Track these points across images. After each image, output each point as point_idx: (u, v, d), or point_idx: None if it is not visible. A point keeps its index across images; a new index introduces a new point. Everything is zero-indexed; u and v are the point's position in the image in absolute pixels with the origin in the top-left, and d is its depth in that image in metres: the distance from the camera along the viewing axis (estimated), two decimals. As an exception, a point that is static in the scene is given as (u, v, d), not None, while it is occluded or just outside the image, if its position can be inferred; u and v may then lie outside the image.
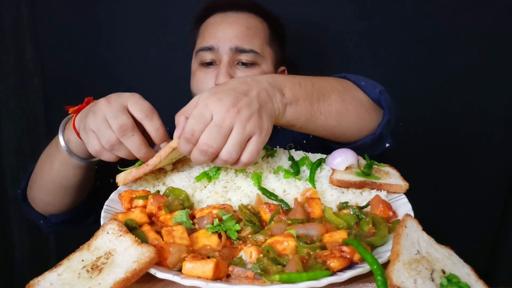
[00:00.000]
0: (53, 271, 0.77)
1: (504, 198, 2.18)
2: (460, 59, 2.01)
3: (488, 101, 2.05)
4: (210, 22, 1.64)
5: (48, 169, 1.28)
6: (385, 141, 1.36)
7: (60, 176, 1.26)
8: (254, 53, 1.55)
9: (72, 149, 1.18)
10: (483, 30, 1.96)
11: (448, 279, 0.70)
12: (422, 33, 1.99)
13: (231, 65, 1.56)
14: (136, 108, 1.03)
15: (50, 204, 1.39)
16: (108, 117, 1.00)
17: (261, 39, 1.60)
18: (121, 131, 0.99)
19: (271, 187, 1.06)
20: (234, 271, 0.77)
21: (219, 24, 1.60)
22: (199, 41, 1.64)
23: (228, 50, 1.54)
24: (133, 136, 1.00)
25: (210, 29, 1.61)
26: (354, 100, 1.23)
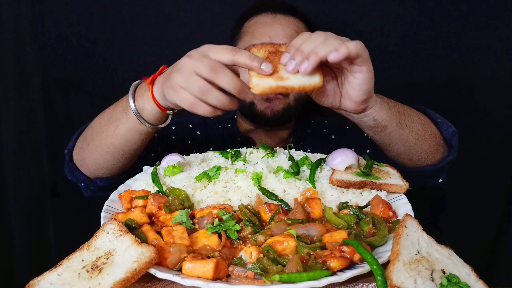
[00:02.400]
0: (53, 271, 0.77)
1: (504, 198, 2.18)
2: (460, 59, 2.00)
3: (488, 101, 2.05)
4: (260, 21, 1.67)
5: (110, 132, 1.27)
6: (440, 177, 1.45)
7: (123, 140, 1.26)
8: None
9: (145, 117, 1.18)
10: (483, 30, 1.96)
11: (448, 279, 0.70)
12: (422, 33, 1.99)
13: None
14: (218, 50, 1.03)
15: (102, 166, 1.37)
16: (194, 68, 1.01)
17: None
18: (212, 70, 0.99)
19: (271, 187, 1.06)
20: (234, 271, 0.77)
21: (270, 24, 1.63)
22: (248, 37, 1.66)
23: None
24: (223, 71, 1.00)
25: (261, 28, 1.64)
26: (429, 130, 1.32)
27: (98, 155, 1.34)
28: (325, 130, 1.79)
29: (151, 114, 1.18)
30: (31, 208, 2.26)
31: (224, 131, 1.82)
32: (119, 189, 1.11)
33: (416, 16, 1.97)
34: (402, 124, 1.21)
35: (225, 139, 1.78)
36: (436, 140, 1.34)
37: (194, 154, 1.34)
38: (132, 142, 1.27)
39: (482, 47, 1.98)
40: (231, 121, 1.86)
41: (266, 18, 1.66)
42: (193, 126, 1.76)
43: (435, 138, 1.34)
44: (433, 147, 1.33)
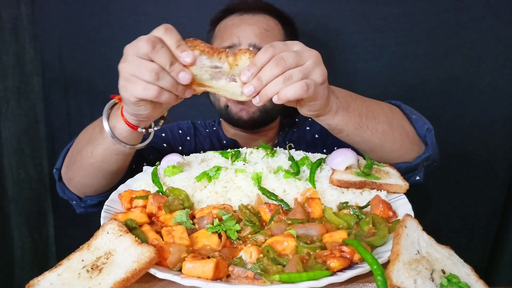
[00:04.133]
0: (53, 271, 0.77)
1: (504, 198, 2.18)
2: (460, 59, 2.00)
3: (488, 101, 2.05)
4: (228, 24, 1.67)
5: (89, 153, 1.25)
6: (417, 175, 1.41)
7: (101, 161, 1.24)
8: None
9: (119, 136, 1.15)
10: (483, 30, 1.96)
11: (448, 279, 0.70)
12: (422, 33, 1.99)
13: None
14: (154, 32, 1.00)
15: (87, 186, 1.37)
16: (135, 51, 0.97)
17: (277, 39, 1.64)
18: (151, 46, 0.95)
19: (271, 187, 1.06)
20: (234, 271, 0.77)
21: (238, 25, 1.63)
22: (218, 41, 1.66)
23: (248, 47, 1.56)
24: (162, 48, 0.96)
25: (229, 30, 1.64)
26: (400, 128, 1.29)
27: (82, 175, 1.33)
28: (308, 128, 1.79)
29: (123, 133, 1.14)
30: (31, 208, 2.26)
31: (211, 135, 1.81)
32: (119, 189, 1.12)
33: (416, 16, 1.97)
34: (363, 126, 1.19)
35: (213, 142, 1.77)
36: (409, 138, 1.31)
37: (194, 154, 1.34)
38: (110, 163, 1.25)
39: (482, 47, 1.98)
40: (216, 124, 1.85)
41: (234, 19, 1.66)
42: (183, 132, 1.76)
43: (407, 136, 1.31)
44: (404, 146, 1.30)
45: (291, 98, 0.96)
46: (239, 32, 1.60)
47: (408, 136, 1.31)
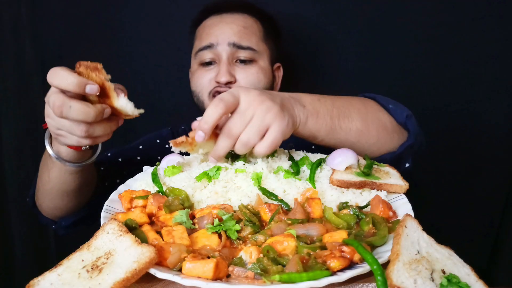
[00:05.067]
0: (53, 271, 0.76)
1: (504, 198, 2.18)
2: (461, 59, 2.01)
3: (488, 101, 2.05)
4: (207, 24, 1.70)
5: (46, 178, 1.30)
6: (405, 162, 1.40)
7: (59, 183, 1.28)
8: (252, 50, 1.64)
9: (65, 158, 1.18)
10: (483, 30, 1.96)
11: (448, 279, 0.70)
12: (422, 32, 1.99)
13: (231, 63, 1.63)
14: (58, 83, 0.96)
15: (56, 209, 1.40)
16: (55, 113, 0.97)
17: (256, 37, 1.68)
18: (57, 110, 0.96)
19: (271, 187, 1.06)
20: (234, 271, 0.77)
21: (216, 25, 1.66)
22: (197, 42, 1.69)
23: (226, 46, 1.60)
24: (70, 108, 0.95)
25: (208, 30, 1.67)
26: (375, 121, 1.29)
27: (47, 199, 1.37)
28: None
29: (68, 154, 1.17)
30: (31, 208, 2.26)
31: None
32: (119, 189, 1.11)
33: (416, 16, 1.97)
34: (335, 129, 1.20)
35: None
36: (387, 129, 1.31)
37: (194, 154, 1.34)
38: (68, 183, 1.28)
39: (483, 46, 1.98)
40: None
41: (213, 19, 1.69)
42: (161, 141, 1.75)
43: (385, 127, 1.31)
44: (382, 138, 1.29)
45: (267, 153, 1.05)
46: (218, 31, 1.63)
47: (385, 127, 1.30)
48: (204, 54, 1.65)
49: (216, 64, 1.65)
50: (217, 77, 1.62)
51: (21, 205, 2.22)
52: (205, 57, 1.65)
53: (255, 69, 1.65)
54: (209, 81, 1.65)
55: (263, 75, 1.68)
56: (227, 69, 1.61)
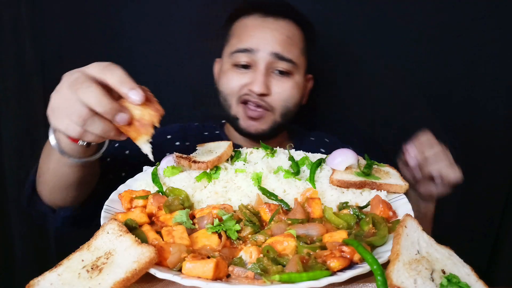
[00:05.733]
0: (53, 271, 0.76)
1: (504, 198, 2.18)
2: (461, 58, 2.00)
3: (488, 101, 2.05)
4: (248, 24, 1.58)
5: (46, 167, 1.22)
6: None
7: (58, 176, 1.21)
8: (292, 63, 1.55)
9: (64, 148, 1.07)
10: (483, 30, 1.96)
11: (448, 279, 0.70)
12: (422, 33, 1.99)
13: (268, 73, 1.54)
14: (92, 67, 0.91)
15: (56, 198, 1.32)
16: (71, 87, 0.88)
17: (298, 49, 1.59)
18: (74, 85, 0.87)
19: (271, 187, 1.06)
20: (234, 271, 0.77)
21: (259, 28, 1.55)
22: (235, 41, 1.58)
23: (267, 55, 1.51)
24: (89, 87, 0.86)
25: (249, 31, 1.56)
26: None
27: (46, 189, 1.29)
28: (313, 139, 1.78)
29: (67, 146, 1.06)
30: (31, 208, 2.26)
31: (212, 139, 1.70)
32: (119, 189, 1.11)
33: (416, 16, 1.97)
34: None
35: None
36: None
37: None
38: (67, 176, 1.19)
39: (482, 47, 1.98)
40: (219, 127, 1.79)
41: (256, 20, 1.58)
42: (171, 137, 1.67)
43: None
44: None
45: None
46: (260, 36, 1.53)
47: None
48: (240, 57, 1.54)
49: (251, 69, 1.55)
50: (251, 86, 1.52)
51: (21, 205, 2.22)
52: (241, 59, 1.54)
53: (291, 84, 1.57)
54: (241, 86, 1.56)
55: (297, 90, 1.60)
56: (264, 80, 1.51)
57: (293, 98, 1.59)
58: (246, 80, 1.54)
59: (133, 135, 0.92)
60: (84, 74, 0.89)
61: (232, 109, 1.60)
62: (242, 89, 1.56)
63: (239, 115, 1.59)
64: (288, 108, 1.59)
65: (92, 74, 0.89)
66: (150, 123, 0.92)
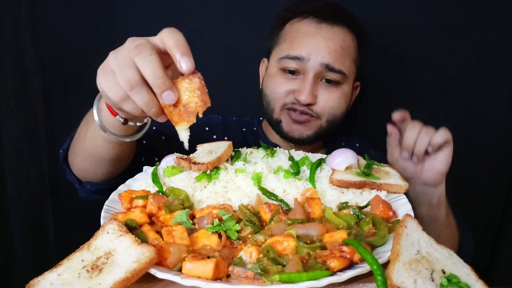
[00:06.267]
0: (53, 271, 0.76)
1: (504, 198, 2.18)
2: (460, 59, 2.00)
3: (488, 101, 2.05)
4: (302, 29, 1.53)
5: (83, 136, 1.18)
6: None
7: (92, 146, 1.16)
8: (342, 74, 1.52)
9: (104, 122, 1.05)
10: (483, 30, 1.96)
11: (448, 279, 0.70)
12: (422, 33, 1.99)
13: (315, 81, 1.51)
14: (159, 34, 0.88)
15: (85, 171, 1.30)
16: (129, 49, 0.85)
17: (350, 59, 1.55)
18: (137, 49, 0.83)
19: (271, 187, 1.06)
20: (234, 271, 0.77)
21: (312, 36, 1.50)
22: (286, 46, 1.55)
23: (318, 65, 1.48)
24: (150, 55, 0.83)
25: (302, 38, 1.51)
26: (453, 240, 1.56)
27: (79, 158, 1.26)
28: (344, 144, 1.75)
29: (108, 119, 1.04)
30: (31, 208, 2.26)
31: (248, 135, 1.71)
32: (119, 189, 1.11)
33: (416, 16, 1.97)
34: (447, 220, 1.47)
35: (248, 143, 1.64)
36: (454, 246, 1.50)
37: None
38: (101, 150, 1.16)
39: (482, 47, 1.98)
40: (256, 123, 1.75)
41: (309, 26, 1.52)
42: (210, 129, 1.65)
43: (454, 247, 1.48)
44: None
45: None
46: (312, 45, 1.48)
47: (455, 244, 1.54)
48: (289, 63, 1.51)
49: (299, 75, 1.52)
50: (298, 95, 1.49)
51: (21, 205, 2.22)
52: (289, 65, 1.51)
53: (338, 94, 1.54)
54: (286, 93, 1.53)
55: (344, 100, 1.57)
56: (311, 90, 1.48)
57: (339, 107, 1.57)
58: (293, 86, 1.52)
59: (175, 118, 0.89)
60: (148, 41, 0.87)
61: (275, 113, 1.58)
62: (288, 96, 1.53)
63: (282, 118, 1.57)
64: (335, 116, 1.57)
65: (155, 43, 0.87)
66: (194, 112, 0.88)
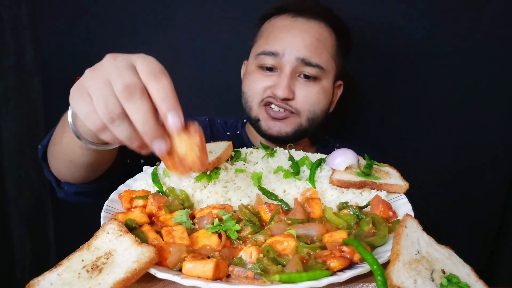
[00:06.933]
0: (53, 271, 0.76)
1: (504, 198, 2.18)
2: (460, 60, 2.00)
3: (488, 101, 2.05)
4: (277, 24, 1.53)
5: (59, 139, 1.11)
6: None
7: (68, 151, 1.09)
8: (319, 68, 1.49)
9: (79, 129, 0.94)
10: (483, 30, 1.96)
11: (448, 279, 0.70)
12: (421, 33, 1.99)
13: (293, 77, 1.49)
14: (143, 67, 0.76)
15: (62, 173, 1.24)
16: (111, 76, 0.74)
17: (328, 53, 1.53)
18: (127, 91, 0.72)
19: (271, 187, 1.06)
20: (234, 271, 0.77)
21: (287, 30, 1.49)
22: (262, 42, 1.54)
23: (293, 59, 1.46)
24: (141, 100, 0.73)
25: (277, 33, 1.51)
26: None
27: (55, 160, 1.21)
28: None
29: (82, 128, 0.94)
30: (31, 208, 2.26)
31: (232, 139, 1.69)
32: (119, 189, 1.11)
33: (416, 16, 1.97)
34: None
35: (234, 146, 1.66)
36: None
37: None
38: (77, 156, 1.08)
39: (482, 47, 1.98)
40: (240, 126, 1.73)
41: (285, 20, 1.52)
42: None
43: None
44: None
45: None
46: (287, 39, 1.47)
47: None
48: (265, 59, 1.50)
49: (276, 72, 1.51)
50: (275, 89, 1.48)
51: (21, 205, 2.22)
52: (266, 62, 1.50)
53: (317, 89, 1.51)
54: (264, 88, 1.52)
55: (323, 96, 1.54)
56: (288, 84, 1.46)
57: (319, 103, 1.54)
58: (270, 82, 1.51)
59: (167, 163, 0.80)
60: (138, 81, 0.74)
61: (253, 110, 1.56)
62: (265, 91, 1.52)
63: (260, 116, 1.55)
64: (315, 113, 1.54)
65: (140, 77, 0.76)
66: (190, 168, 0.79)
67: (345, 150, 1.16)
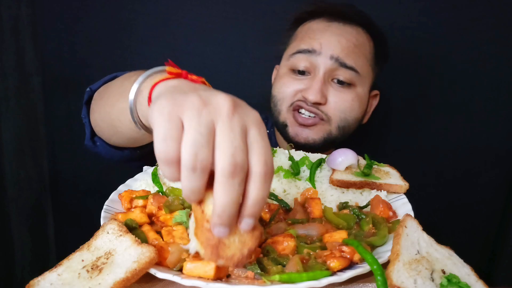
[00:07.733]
0: (53, 271, 0.76)
1: (504, 198, 2.18)
2: (461, 59, 2.00)
3: (488, 101, 2.05)
4: (313, 27, 1.48)
5: (112, 99, 1.01)
6: None
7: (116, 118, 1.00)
8: (355, 72, 1.43)
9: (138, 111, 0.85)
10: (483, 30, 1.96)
11: (448, 279, 0.70)
12: (421, 33, 1.99)
13: (326, 81, 1.42)
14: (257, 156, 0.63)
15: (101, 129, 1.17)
16: (221, 132, 0.60)
17: (365, 59, 1.47)
18: (230, 169, 0.59)
19: (271, 187, 1.06)
20: (234, 271, 0.77)
21: (323, 31, 1.45)
22: (296, 43, 1.49)
23: (328, 59, 1.40)
24: (238, 186, 0.61)
25: (312, 34, 1.46)
26: None
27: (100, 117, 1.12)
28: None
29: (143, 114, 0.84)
30: (31, 208, 2.26)
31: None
32: (119, 189, 1.11)
33: (416, 15, 1.97)
34: None
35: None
36: None
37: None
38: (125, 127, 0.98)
39: (482, 47, 1.98)
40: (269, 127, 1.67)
41: (320, 24, 1.47)
42: None
43: None
44: None
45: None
46: (323, 39, 1.41)
47: None
48: (299, 60, 1.44)
49: (309, 76, 1.45)
50: (306, 93, 1.41)
51: (21, 205, 2.22)
52: (299, 63, 1.44)
53: (351, 96, 1.44)
54: (295, 92, 1.46)
55: (358, 104, 1.46)
56: (320, 88, 1.39)
57: (352, 110, 1.46)
58: (302, 86, 1.44)
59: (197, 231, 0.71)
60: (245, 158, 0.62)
61: (282, 115, 1.50)
62: (296, 95, 1.45)
63: (288, 121, 1.49)
64: (347, 121, 1.46)
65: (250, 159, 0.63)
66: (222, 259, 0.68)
67: (345, 150, 1.16)
